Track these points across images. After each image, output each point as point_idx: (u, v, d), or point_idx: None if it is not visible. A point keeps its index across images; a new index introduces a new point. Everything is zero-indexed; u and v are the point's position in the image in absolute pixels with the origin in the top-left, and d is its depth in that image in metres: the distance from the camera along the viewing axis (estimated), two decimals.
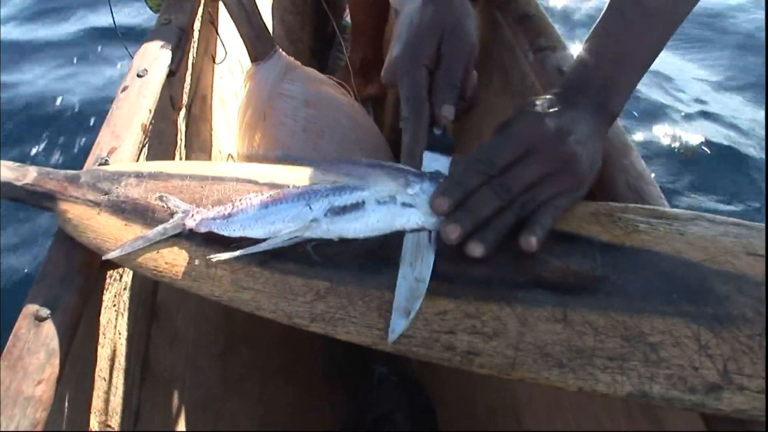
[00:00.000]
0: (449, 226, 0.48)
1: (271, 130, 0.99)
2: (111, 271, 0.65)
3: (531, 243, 0.48)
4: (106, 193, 0.60)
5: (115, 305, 0.66)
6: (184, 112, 0.95)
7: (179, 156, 0.91)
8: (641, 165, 0.63)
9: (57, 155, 1.86)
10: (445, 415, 1.01)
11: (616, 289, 0.46)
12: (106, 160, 0.67)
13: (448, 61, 0.58)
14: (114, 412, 0.63)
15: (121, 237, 0.56)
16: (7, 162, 0.61)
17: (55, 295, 0.54)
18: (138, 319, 0.71)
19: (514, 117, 0.54)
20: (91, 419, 0.59)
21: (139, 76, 0.78)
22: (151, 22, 0.98)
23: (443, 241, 0.49)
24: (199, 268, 0.52)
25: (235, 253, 0.51)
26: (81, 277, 0.57)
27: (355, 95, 1.15)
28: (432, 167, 0.56)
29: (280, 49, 1.03)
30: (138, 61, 0.81)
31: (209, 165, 0.65)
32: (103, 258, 0.54)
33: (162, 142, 0.84)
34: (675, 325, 0.44)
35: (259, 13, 0.99)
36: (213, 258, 0.52)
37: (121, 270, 0.68)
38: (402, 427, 0.99)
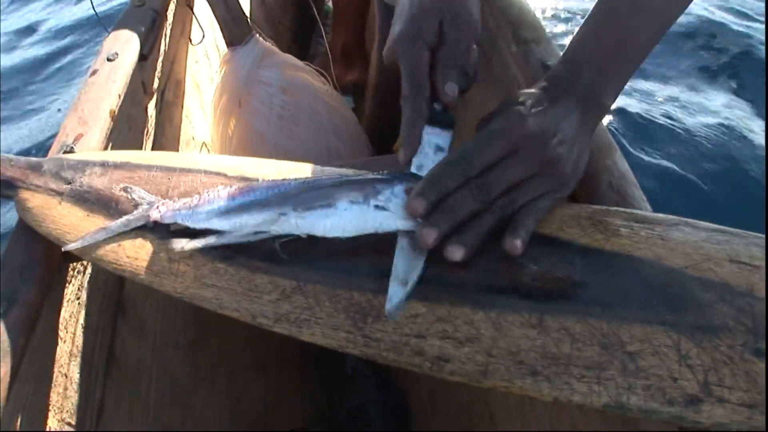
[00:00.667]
0: (425, 230, 0.46)
1: (247, 116, 0.97)
2: (74, 264, 0.63)
3: (516, 245, 0.46)
4: (69, 183, 0.57)
5: (79, 298, 0.64)
6: (156, 97, 0.92)
7: (150, 143, 0.88)
8: (624, 165, 0.61)
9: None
10: (417, 408, 1.00)
11: (595, 295, 0.45)
12: (71, 147, 0.64)
13: (451, 40, 0.56)
14: (75, 409, 0.61)
15: (83, 228, 0.54)
16: None
17: (13, 288, 0.52)
18: (103, 312, 0.69)
19: (496, 115, 0.52)
20: (50, 417, 0.57)
21: (109, 60, 0.75)
22: None
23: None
24: (162, 262, 0.50)
25: (197, 243, 0.49)
26: (41, 269, 0.55)
27: (333, 83, 1.13)
28: (432, 142, 0.55)
29: (257, 34, 1.00)
30: (108, 45, 0.79)
31: (177, 156, 0.62)
32: (63, 249, 0.52)
33: (132, 128, 0.81)
34: (655, 334, 0.42)
35: None
36: (174, 246, 0.50)
37: (85, 262, 0.66)
38: (374, 420, 0.99)
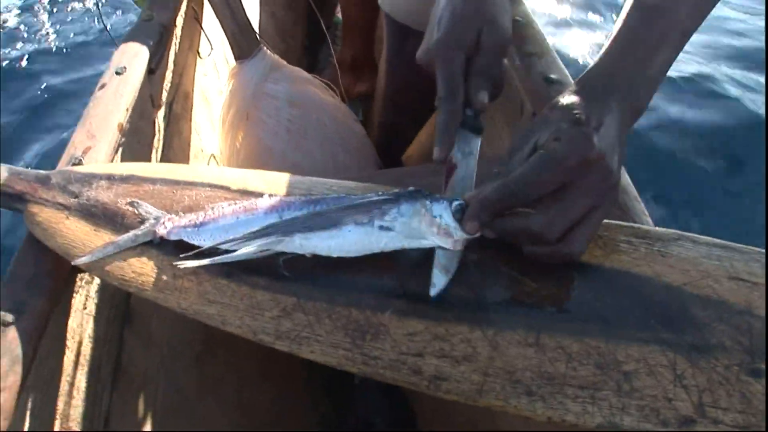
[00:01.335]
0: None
1: (254, 129, 0.98)
2: (82, 275, 0.64)
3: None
4: (76, 196, 0.58)
5: (86, 308, 0.65)
6: (164, 110, 0.93)
7: (158, 156, 0.89)
8: (625, 179, 0.61)
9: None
10: (423, 419, 1.00)
11: (592, 313, 0.45)
12: (80, 159, 0.65)
13: (486, 51, 0.59)
14: (82, 418, 0.61)
15: (90, 242, 0.54)
16: None
17: (22, 299, 0.53)
18: (110, 323, 0.70)
19: (548, 134, 0.49)
20: (57, 426, 0.57)
21: (117, 74, 0.76)
22: None
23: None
24: (167, 278, 0.51)
25: (203, 261, 0.50)
26: (50, 280, 0.56)
27: (342, 95, 1.13)
28: (462, 145, 0.57)
29: (265, 47, 1.01)
30: (117, 58, 0.80)
31: (181, 168, 0.63)
32: (72, 263, 0.53)
33: (140, 141, 0.82)
34: (651, 353, 0.42)
35: (243, 9, 0.97)
36: (180, 264, 0.50)
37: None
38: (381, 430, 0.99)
